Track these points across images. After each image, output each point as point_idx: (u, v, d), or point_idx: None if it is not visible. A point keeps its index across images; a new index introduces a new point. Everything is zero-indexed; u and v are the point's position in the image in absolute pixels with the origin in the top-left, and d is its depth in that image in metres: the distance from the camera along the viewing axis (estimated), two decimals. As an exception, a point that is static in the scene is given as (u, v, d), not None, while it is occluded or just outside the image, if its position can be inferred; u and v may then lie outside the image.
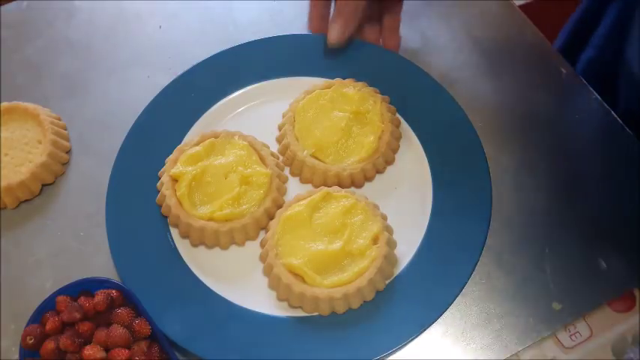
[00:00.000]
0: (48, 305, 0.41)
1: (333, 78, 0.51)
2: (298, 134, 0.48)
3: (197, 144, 0.48)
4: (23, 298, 0.45)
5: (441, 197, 0.46)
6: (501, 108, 0.53)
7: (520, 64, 0.56)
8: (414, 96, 0.51)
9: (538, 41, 0.57)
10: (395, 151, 0.49)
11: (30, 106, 0.52)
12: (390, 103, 0.50)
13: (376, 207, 0.45)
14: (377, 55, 0.53)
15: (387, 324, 0.42)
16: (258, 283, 0.44)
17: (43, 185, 0.51)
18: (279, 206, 0.46)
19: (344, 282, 0.42)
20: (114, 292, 0.41)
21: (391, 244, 0.44)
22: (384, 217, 0.45)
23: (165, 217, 0.47)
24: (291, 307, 0.43)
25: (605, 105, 0.52)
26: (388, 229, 0.45)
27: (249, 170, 0.46)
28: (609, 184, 0.48)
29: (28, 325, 0.40)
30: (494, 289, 0.45)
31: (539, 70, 0.55)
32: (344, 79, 0.51)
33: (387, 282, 0.43)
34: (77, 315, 0.40)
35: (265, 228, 0.46)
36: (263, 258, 0.45)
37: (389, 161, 0.49)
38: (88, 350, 0.39)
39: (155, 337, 0.40)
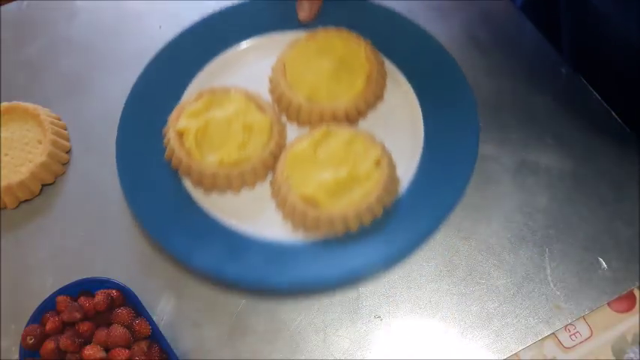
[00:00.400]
0: (48, 305, 0.41)
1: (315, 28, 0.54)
2: (291, 81, 0.51)
3: (196, 100, 0.50)
4: (23, 298, 0.45)
5: (430, 121, 0.50)
6: (501, 108, 0.53)
7: (520, 64, 0.56)
8: (393, 36, 0.54)
9: (538, 41, 0.57)
10: (383, 87, 0.52)
11: (30, 106, 0.52)
12: (373, 44, 0.53)
13: (373, 137, 0.48)
14: (355, 5, 0.56)
15: (400, 230, 0.45)
16: (272, 218, 0.47)
17: (43, 185, 0.51)
18: (283, 148, 0.49)
19: (354, 202, 0.45)
20: (114, 292, 0.41)
21: (392, 165, 0.47)
22: (382, 144, 0.48)
23: (176, 170, 0.48)
24: (307, 233, 0.46)
25: (605, 105, 0.52)
26: (388, 154, 0.47)
27: (249, 118, 0.49)
28: (609, 184, 0.48)
29: (28, 325, 0.40)
30: (494, 289, 0.45)
31: (539, 70, 0.55)
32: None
33: (392, 199, 0.46)
34: (77, 315, 0.40)
35: (273, 169, 0.48)
36: (275, 193, 0.47)
37: (378, 96, 0.52)
38: (88, 350, 0.39)
39: (155, 337, 0.40)
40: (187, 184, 0.48)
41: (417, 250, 0.46)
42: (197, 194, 0.48)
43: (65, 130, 0.54)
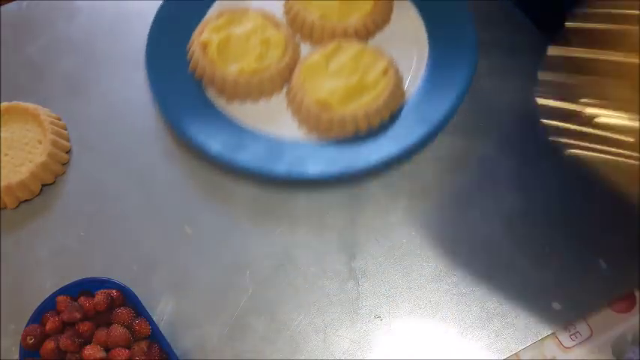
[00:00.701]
0: (48, 305, 0.41)
1: None
2: (306, 2, 0.55)
3: (217, 18, 0.54)
4: (23, 298, 0.45)
5: (434, 41, 0.54)
6: (501, 108, 0.53)
7: (520, 63, 0.56)
8: None
9: (538, 41, 0.57)
10: (390, 9, 0.57)
11: (30, 106, 0.52)
12: None
13: (382, 50, 0.53)
14: None
15: (404, 131, 0.50)
16: (288, 124, 0.52)
17: (43, 185, 0.51)
18: (297, 62, 0.54)
19: (364, 105, 0.50)
20: (114, 292, 0.41)
21: (398, 75, 0.52)
22: (390, 56, 0.52)
23: (200, 80, 0.53)
24: (320, 135, 0.51)
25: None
26: (395, 65, 0.52)
27: (266, 34, 0.54)
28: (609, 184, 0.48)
29: (28, 325, 0.40)
30: (495, 289, 0.45)
31: (539, 69, 0.55)
32: None
33: (398, 105, 0.51)
34: (77, 315, 0.40)
35: (288, 81, 0.53)
36: (291, 101, 0.52)
37: (386, 19, 0.56)
38: (88, 350, 0.39)
39: (155, 337, 0.40)
40: (210, 94, 0.53)
41: (418, 151, 0.50)
42: (219, 102, 0.53)
43: (65, 130, 0.54)
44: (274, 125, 0.51)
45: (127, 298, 0.42)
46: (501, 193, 0.48)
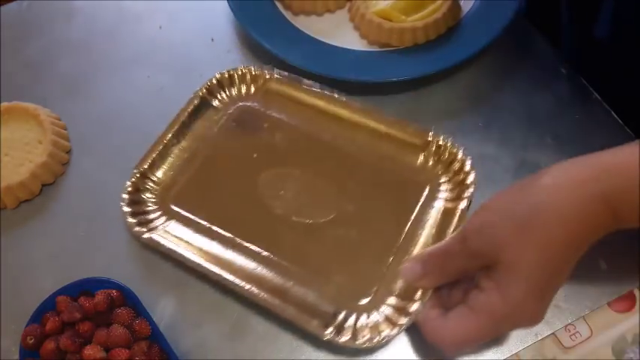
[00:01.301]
0: (48, 305, 0.41)
1: None
2: None
3: None
4: (23, 298, 0.45)
5: None
6: (501, 108, 0.53)
7: (520, 63, 0.56)
8: None
9: (538, 41, 0.57)
10: None
11: (30, 106, 0.52)
12: None
13: None
14: None
15: (460, 43, 0.54)
16: (351, 36, 0.56)
17: (43, 185, 0.51)
18: None
19: (423, 17, 0.53)
20: (114, 292, 0.41)
21: None
22: None
23: None
24: (381, 45, 0.55)
25: (605, 105, 0.52)
26: None
27: None
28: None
29: (28, 325, 0.40)
30: (495, 289, 0.44)
31: (539, 69, 0.55)
32: None
33: (455, 21, 0.55)
34: (77, 315, 0.40)
35: None
36: (354, 14, 0.57)
37: None
38: (88, 350, 0.39)
39: (155, 337, 0.40)
40: (280, 7, 0.58)
41: (472, 61, 0.54)
42: (287, 14, 0.57)
43: (65, 130, 0.54)
44: (337, 39, 0.55)
45: (127, 298, 0.42)
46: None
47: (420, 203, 0.46)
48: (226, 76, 0.53)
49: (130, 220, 0.46)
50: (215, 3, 0.61)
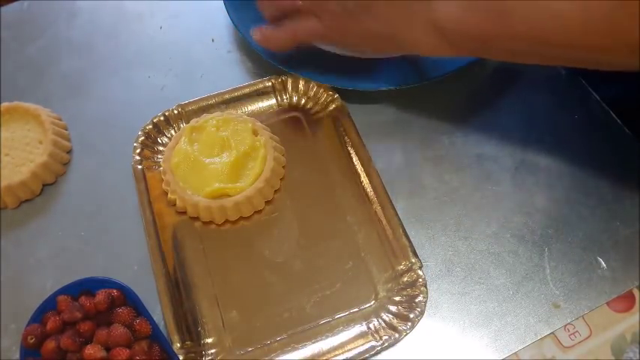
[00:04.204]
0: (49, 305, 0.41)
1: None
2: None
3: None
4: (23, 298, 0.45)
5: None
6: (501, 108, 0.53)
7: (520, 64, 0.56)
8: None
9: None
10: None
11: (31, 106, 0.52)
12: None
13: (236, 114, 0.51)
14: None
15: None
16: None
17: (44, 185, 0.51)
18: None
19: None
20: (114, 292, 0.41)
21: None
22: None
23: None
24: None
25: (605, 105, 0.52)
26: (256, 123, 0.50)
27: None
28: (609, 184, 0.49)
29: (28, 324, 0.40)
30: (494, 288, 0.45)
31: (539, 70, 0.55)
32: None
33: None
34: (78, 314, 0.40)
35: None
36: None
37: None
38: (89, 350, 0.39)
39: (155, 336, 0.40)
40: None
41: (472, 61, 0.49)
42: None
43: (66, 130, 0.54)
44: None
45: (127, 298, 0.42)
46: (501, 193, 0.48)
47: None
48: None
49: None
50: (215, 3, 0.61)
